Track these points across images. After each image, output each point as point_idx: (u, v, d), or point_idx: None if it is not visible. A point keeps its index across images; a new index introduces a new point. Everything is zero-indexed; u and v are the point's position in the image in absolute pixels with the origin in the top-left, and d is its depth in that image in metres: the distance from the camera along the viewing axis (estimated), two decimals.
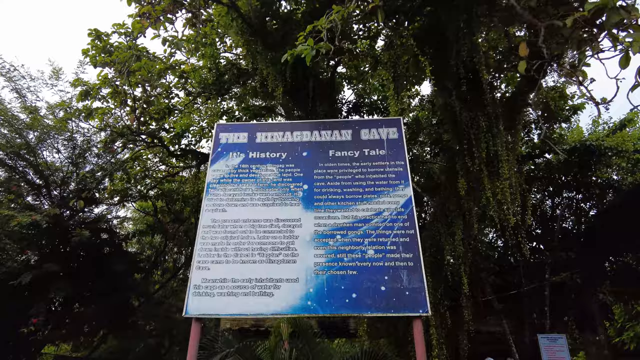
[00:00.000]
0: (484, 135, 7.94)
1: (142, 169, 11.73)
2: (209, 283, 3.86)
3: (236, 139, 4.78)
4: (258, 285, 3.83)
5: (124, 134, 9.33)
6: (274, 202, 4.32)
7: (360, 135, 4.77)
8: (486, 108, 7.98)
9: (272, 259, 3.98)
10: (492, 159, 8.24)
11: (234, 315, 3.69)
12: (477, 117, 7.96)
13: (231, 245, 4.06)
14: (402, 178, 4.44)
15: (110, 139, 9.30)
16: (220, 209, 4.29)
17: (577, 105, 11.76)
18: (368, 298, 3.78)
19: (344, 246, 4.06)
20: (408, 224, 4.16)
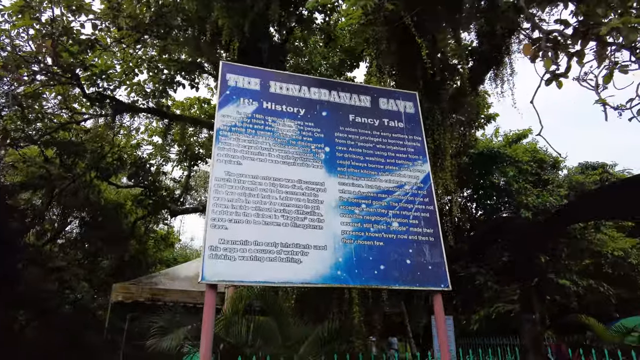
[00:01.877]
0: (436, 127, 8.37)
1: (39, 109, 9.58)
2: (228, 245, 3.27)
3: (247, 84, 4.13)
4: (284, 251, 3.38)
5: (37, 61, 7.43)
6: (294, 161, 3.86)
7: (379, 104, 4.55)
8: (441, 103, 8.43)
9: (297, 222, 3.55)
10: (436, 151, 8.76)
11: (260, 283, 3.19)
12: (433, 108, 8.35)
13: (251, 203, 3.50)
14: (420, 154, 4.38)
15: (14, 64, 7.27)
16: (234, 161, 3.66)
17: (491, 115, 13.25)
18: (395, 270, 3.64)
19: (369, 216, 3.83)
20: (427, 199, 4.12)
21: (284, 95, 4.21)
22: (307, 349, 4.73)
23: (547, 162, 15.05)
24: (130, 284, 13.11)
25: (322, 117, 4.22)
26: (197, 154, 13.88)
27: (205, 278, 3.09)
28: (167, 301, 13.13)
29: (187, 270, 14.86)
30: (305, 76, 4.64)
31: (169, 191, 13.81)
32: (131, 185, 14.03)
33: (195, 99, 14.42)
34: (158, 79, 11.44)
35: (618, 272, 12.70)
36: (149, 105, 11.18)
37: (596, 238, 12.23)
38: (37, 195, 13.08)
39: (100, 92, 9.65)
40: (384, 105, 4.56)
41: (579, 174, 14.59)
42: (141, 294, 12.83)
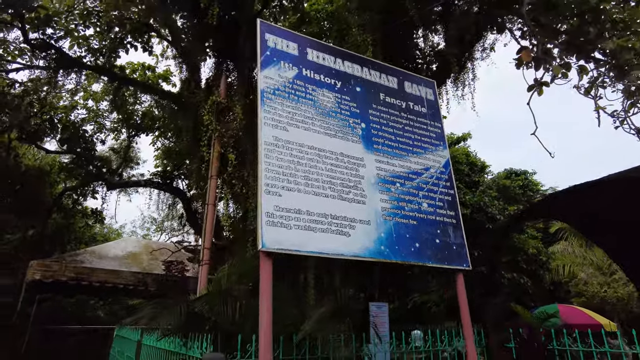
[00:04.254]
0: None
1: None
2: (282, 212, 3.07)
3: (285, 47, 3.88)
4: (334, 223, 3.27)
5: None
6: (335, 133, 3.74)
7: (404, 87, 4.60)
8: None
9: (343, 196, 3.46)
10: None
11: (314, 253, 3.03)
12: None
13: (300, 172, 3.32)
14: (440, 139, 4.52)
15: None
16: (280, 126, 3.44)
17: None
18: (428, 249, 3.75)
19: (403, 195, 3.88)
20: (449, 184, 4.29)
21: (321, 65, 4.05)
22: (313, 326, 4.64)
23: (477, 166, 16.48)
24: (52, 262, 11.68)
25: (357, 92, 4.15)
26: (138, 123, 12.68)
27: (266, 245, 2.87)
28: (94, 281, 11.96)
29: (116, 249, 13.65)
30: (338, 48, 4.51)
31: (105, 162, 12.44)
32: (60, 151, 12.36)
33: (139, 64, 13.17)
34: (107, 37, 10.25)
35: (530, 267, 14.44)
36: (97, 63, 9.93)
37: (518, 237, 13.72)
38: None
39: (44, 39, 8.33)
40: (408, 89, 4.62)
41: (506, 179, 16.20)
42: (64, 273, 11.51)
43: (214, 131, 6.91)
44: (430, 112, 4.63)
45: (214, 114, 6.98)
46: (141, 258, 13.48)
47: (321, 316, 4.45)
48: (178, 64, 11.01)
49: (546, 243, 17.06)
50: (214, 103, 7.05)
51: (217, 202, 6.87)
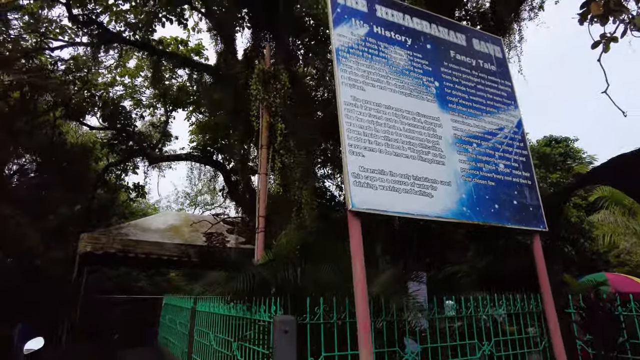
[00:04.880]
0: None
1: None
2: (367, 173, 3.01)
3: (355, 3, 3.72)
4: (417, 184, 3.20)
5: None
6: (410, 92, 3.61)
7: (473, 44, 4.38)
8: None
9: (423, 156, 3.37)
10: None
11: (400, 214, 2.99)
12: None
13: (380, 132, 3.24)
14: (512, 99, 4.33)
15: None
16: (357, 85, 3.34)
17: None
18: (506, 210, 3.64)
19: (480, 156, 3.75)
20: (522, 144, 4.13)
21: (391, 21, 3.88)
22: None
23: None
24: (101, 234, 12.15)
25: (428, 50, 3.97)
26: (175, 98, 12.76)
27: (355, 205, 2.83)
28: (139, 253, 12.40)
29: (157, 222, 14.05)
30: (405, 4, 4.30)
31: (145, 137, 12.66)
32: (102, 127, 12.64)
33: (172, 38, 13.15)
34: (142, 11, 10.21)
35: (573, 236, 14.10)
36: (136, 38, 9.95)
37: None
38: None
39: (87, 14, 8.36)
40: (477, 46, 4.40)
41: (545, 146, 15.66)
42: (112, 245, 11.96)
43: (262, 101, 6.86)
44: (499, 70, 4.41)
45: (261, 83, 6.90)
46: (182, 230, 13.85)
47: (386, 280, 4.44)
48: (213, 36, 10.92)
49: (585, 212, 16.58)
50: (261, 72, 6.96)
51: (268, 171, 6.88)
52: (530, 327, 5.31)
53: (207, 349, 6.51)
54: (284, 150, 7.00)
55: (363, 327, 2.55)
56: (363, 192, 2.92)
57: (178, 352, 8.26)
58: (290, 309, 4.62)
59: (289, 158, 7.01)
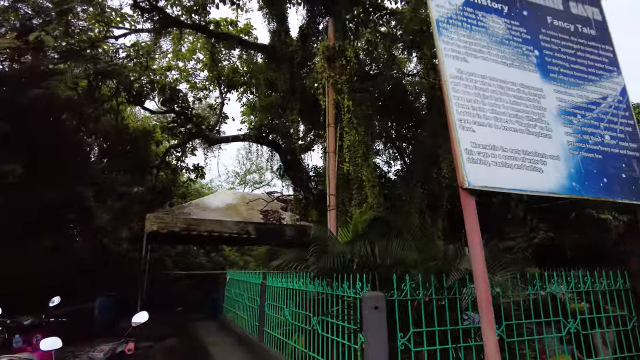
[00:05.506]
0: None
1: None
2: (479, 149, 2.94)
3: None
4: (527, 159, 3.09)
5: None
6: (512, 63, 3.46)
7: (569, 8, 4.10)
8: None
9: (530, 130, 3.24)
10: None
11: (514, 190, 2.93)
12: None
13: (487, 106, 3.14)
14: (614, 65, 4.04)
15: None
16: (460, 57, 3.23)
17: None
18: (615, 184, 3.46)
19: (585, 127, 3.56)
20: (627, 113, 3.86)
21: None
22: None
23: None
24: (165, 214, 12.77)
25: (524, 16, 3.76)
26: (230, 79, 12.93)
27: (471, 183, 2.79)
28: (201, 231, 12.93)
29: (216, 202, 14.58)
30: None
31: (202, 119, 13.02)
32: (162, 111, 13.12)
33: (222, 19, 13.22)
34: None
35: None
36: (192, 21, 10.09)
37: None
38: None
39: (149, 1, 8.56)
40: (574, 9, 4.11)
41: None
42: (176, 224, 12.53)
43: (327, 78, 6.81)
44: (599, 34, 4.11)
45: (326, 60, 6.84)
46: (240, 209, 14.30)
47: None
48: (265, 14, 10.86)
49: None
50: (326, 48, 6.88)
51: (337, 149, 6.89)
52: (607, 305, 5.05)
53: (280, 322, 6.68)
54: (349, 127, 6.95)
55: (486, 304, 2.54)
56: (477, 169, 2.86)
57: (246, 325, 8.58)
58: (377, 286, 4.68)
59: (353, 135, 6.97)
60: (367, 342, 4.11)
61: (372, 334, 4.11)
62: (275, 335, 6.55)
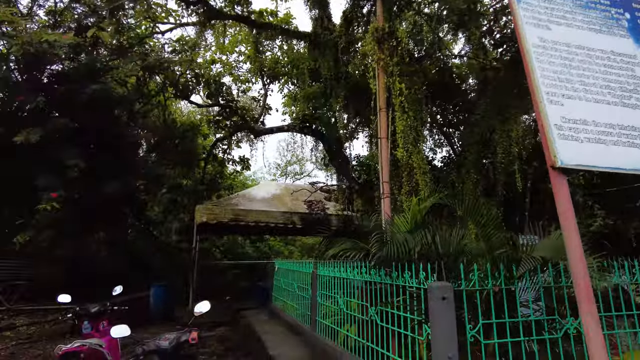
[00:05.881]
0: None
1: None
2: (570, 124, 2.65)
3: None
4: (623, 134, 2.76)
5: None
6: (600, 28, 3.10)
7: None
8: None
9: (625, 102, 2.89)
10: None
11: (610, 169, 2.65)
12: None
13: (574, 77, 2.83)
14: None
15: None
16: (542, 24, 2.93)
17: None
18: None
19: None
20: None
21: None
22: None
23: None
24: (213, 205, 13.07)
25: None
26: (273, 70, 12.92)
27: (563, 162, 2.51)
28: (249, 221, 13.12)
29: (261, 192, 14.76)
30: None
31: (247, 111, 13.15)
32: (207, 105, 13.37)
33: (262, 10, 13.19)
34: None
35: None
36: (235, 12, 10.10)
37: None
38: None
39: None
40: None
41: None
42: (225, 215, 12.77)
43: (377, 61, 6.57)
44: None
45: (375, 42, 6.59)
46: (284, 199, 14.40)
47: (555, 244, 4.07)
48: (306, 1, 10.71)
49: None
50: (375, 30, 6.63)
51: (389, 135, 6.67)
52: None
53: (334, 312, 6.61)
54: (400, 111, 6.70)
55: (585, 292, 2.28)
56: (569, 146, 2.57)
57: (297, 314, 8.60)
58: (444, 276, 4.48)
59: (405, 119, 6.71)
60: (434, 334, 3.93)
61: (439, 326, 3.93)
62: (327, 324, 6.50)
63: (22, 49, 5.12)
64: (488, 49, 12.01)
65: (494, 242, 4.86)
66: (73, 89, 6.50)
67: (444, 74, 12.46)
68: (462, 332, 4.04)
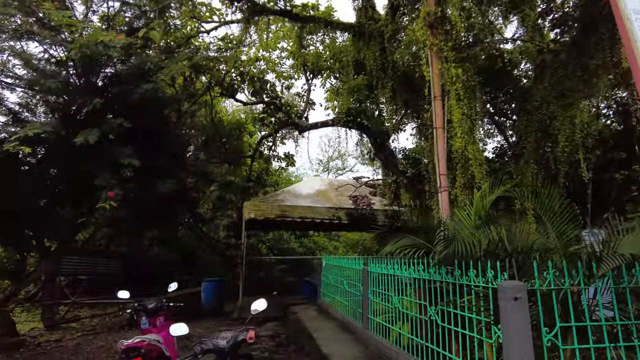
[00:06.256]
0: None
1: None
2: None
3: None
4: None
5: None
6: None
7: None
8: None
9: None
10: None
11: None
12: None
13: None
14: None
15: None
16: None
17: None
18: None
19: None
20: None
21: None
22: None
23: None
24: (260, 202, 13.18)
25: None
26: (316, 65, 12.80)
27: None
28: (295, 217, 13.12)
29: (306, 188, 14.73)
30: None
31: (291, 107, 13.14)
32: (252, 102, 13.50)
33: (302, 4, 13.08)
34: None
35: None
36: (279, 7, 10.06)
37: None
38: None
39: None
40: None
41: None
42: (271, 211, 12.84)
43: (430, 46, 6.24)
44: None
45: (428, 27, 6.26)
46: (329, 195, 14.30)
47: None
48: None
49: None
50: (427, 14, 6.30)
51: (445, 124, 6.33)
52: None
53: (387, 310, 6.43)
54: (456, 99, 6.33)
55: None
56: None
57: (347, 311, 8.49)
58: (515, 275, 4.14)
59: (461, 108, 6.33)
60: (507, 337, 3.63)
61: (512, 329, 3.63)
62: (380, 322, 6.33)
63: (80, 52, 5.32)
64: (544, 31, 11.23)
65: (568, 237, 4.44)
66: (125, 90, 6.71)
67: (495, 60, 11.81)
68: (536, 335, 3.72)
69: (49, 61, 7.21)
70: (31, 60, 6.50)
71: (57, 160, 7.25)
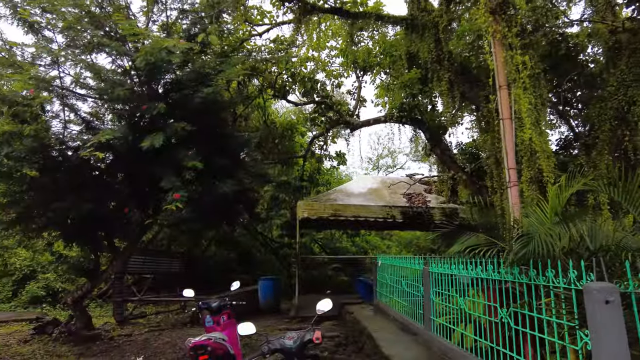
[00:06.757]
0: None
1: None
2: None
3: None
4: None
5: None
6: None
7: None
8: None
9: None
10: None
11: None
12: None
13: None
14: None
15: None
16: None
17: None
18: None
19: None
20: None
21: None
22: None
23: None
24: (313, 201, 13.21)
25: None
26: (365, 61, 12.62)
27: None
28: (348, 216, 12.98)
29: (358, 187, 14.57)
30: None
31: (342, 105, 13.09)
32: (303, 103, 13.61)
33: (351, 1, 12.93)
34: None
35: None
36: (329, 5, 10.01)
37: None
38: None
39: None
40: None
41: None
42: (324, 211, 12.79)
43: (493, 33, 5.89)
44: None
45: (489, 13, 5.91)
46: (382, 193, 14.04)
47: None
48: None
49: None
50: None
51: (513, 115, 5.95)
52: None
53: (451, 311, 6.18)
54: (522, 88, 5.92)
55: None
56: None
57: (406, 311, 8.26)
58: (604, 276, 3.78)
59: (528, 97, 5.92)
60: (597, 344, 3.30)
61: (604, 335, 3.29)
62: (442, 324, 6.09)
63: (144, 60, 5.61)
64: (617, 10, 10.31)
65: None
66: (186, 94, 6.97)
67: (559, 46, 11.01)
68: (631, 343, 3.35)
69: (115, 71, 7.68)
70: (101, 72, 6.94)
71: (124, 165, 7.70)
